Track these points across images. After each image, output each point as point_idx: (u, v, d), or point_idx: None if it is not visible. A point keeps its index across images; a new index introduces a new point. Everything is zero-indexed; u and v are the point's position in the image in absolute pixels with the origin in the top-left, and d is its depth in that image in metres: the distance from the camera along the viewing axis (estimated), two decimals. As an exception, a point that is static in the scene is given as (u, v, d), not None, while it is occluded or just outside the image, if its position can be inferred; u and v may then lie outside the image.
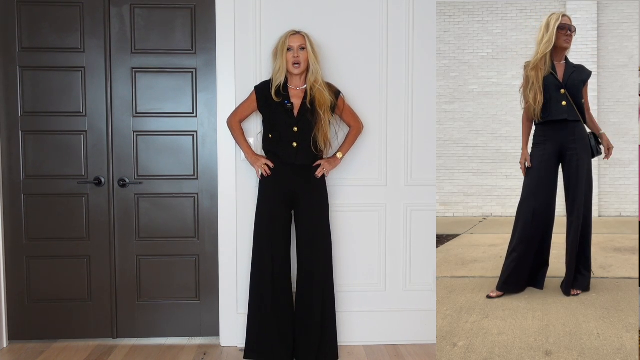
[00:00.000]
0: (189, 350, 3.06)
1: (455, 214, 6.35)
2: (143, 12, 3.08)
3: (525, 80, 2.88)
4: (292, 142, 2.73)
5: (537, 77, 2.82)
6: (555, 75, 2.82)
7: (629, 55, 5.97)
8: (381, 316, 3.17)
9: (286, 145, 2.74)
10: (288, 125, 2.73)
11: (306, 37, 2.75)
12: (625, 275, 3.23)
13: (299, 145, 2.74)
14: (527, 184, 2.91)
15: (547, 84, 2.83)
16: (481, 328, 2.50)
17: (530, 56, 2.90)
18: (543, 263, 2.94)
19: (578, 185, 2.82)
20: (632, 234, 4.71)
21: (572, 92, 2.82)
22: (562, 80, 2.82)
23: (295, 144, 2.73)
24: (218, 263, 3.14)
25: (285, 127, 2.74)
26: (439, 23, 6.12)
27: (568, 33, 2.81)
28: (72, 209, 3.13)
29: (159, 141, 3.14)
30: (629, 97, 5.99)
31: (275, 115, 2.75)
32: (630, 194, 6.01)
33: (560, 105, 2.81)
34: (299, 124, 2.73)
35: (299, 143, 2.73)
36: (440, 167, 6.27)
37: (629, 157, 5.99)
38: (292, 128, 2.73)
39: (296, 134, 2.73)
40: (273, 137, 2.77)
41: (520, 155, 2.97)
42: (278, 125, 2.75)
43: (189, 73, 3.12)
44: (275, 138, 2.76)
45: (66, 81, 3.08)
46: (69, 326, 3.17)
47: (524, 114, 2.96)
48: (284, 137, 2.74)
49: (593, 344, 2.31)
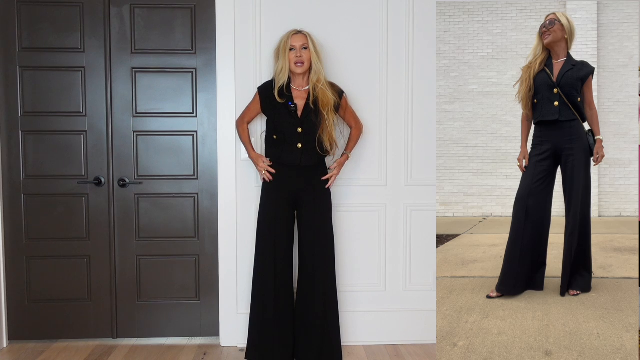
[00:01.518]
0: (189, 350, 3.06)
1: (455, 214, 6.35)
2: (143, 12, 3.08)
3: (520, 78, 2.89)
4: (297, 143, 2.73)
5: (527, 74, 2.83)
6: (550, 75, 2.81)
7: (629, 55, 5.97)
8: (381, 316, 3.17)
9: (291, 147, 2.73)
10: (292, 126, 2.72)
11: (308, 36, 2.75)
12: (625, 275, 3.23)
13: (303, 147, 2.73)
14: (521, 183, 2.91)
15: (539, 83, 2.82)
16: (481, 328, 2.50)
17: (529, 56, 2.90)
18: (540, 264, 2.94)
19: (574, 185, 2.80)
20: (632, 234, 4.71)
21: (566, 90, 2.78)
22: (556, 79, 2.80)
23: (299, 145, 2.73)
24: (218, 263, 3.14)
25: (290, 128, 2.73)
26: (439, 23, 6.12)
27: (544, 29, 2.79)
28: (72, 209, 3.13)
29: (159, 141, 3.14)
30: (629, 97, 5.99)
31: (279, 116, 2.74)
32: (630, 194, 6.01)
33: (553, 106, 2.80)
34: (303, 125, 2.72)
35: (303, 144, 2.73)
36: (440, 167, 6.26)
37: (629, 157, 5.99)
38: (296, 129, 2.72)
39: (300, 135, 2.72)
40: (277, 138, 2.76)
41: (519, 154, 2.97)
42: (282, 127, 2.74)
43: (189, 73, 3.12)
44: (279, 139, 2.75)
45: (66, 81, 3.08)
46: (69, 326, 3.17)
47: (523, 113, 2.96)
48: (288, 138, 2.73)
49: (593, 344, 2.31)
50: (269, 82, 2.83)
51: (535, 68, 2.82)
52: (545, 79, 2.81)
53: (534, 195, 2.85)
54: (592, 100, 2.87)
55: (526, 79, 2.84)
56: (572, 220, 2.81)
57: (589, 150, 2.81)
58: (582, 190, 2.79)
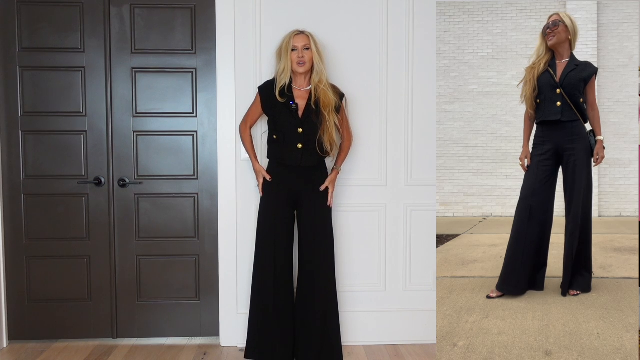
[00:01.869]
0: (189, 350, 3.06)
1: (455, 214, 6.35)
2: (143, 12, 3.08)
3: (524, 77, 2.89)
4: (297, 143, 2.72)
5: (531, 75, 2.83)
6: (553, 75, 2.81)
7: (629, 55, 5.97)
8: (381, 316, 3.17)
9: (291, 147, 2.73)
10: (293, 126, 2.72)
11: (310, 36, 2.74)
12: (625, 275, 3.23)
13: (304, 147, 2.72)
14: (524, 183, 2.91)
15: (543, 83, 2.82)
16: (481, 328, 2.50)
17: (532, 56, 2.90)
18: (542, 264, 2.94)
19: (575, 185, 2.80)
20: (632, 234, 4.70)
21: (568, 91, 2.78)
22: (559, 79, 2.80)
23: (300, 145, 2.72)
24: (218, 263, 3.14)
25: (290, 128, 2.72)
26: (439, 23, 6.12)
27: (548, 30, 2.79)
28: (72, 209, 3.13)
29: (159, 141, 3.14)
30: (629, 97, 5.99)
31: (280, 116, 2.74)
32: (630, 194, 6.00)
33: (555, 106, 2.80)
34: (303, 125, 2.72)
35: (304, 144, 2.72)
36: (440, 167, 6.26)
37: (629, 157, 5.99)
38: (297, 129, 2.72)
39: (301, 135, 2.72)
40: (278, 138, 2.76)
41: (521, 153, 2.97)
42: (283, 127, 2.73)
43: (189, 73, 3.12)
44: (280, 139, 2.75)
45: (66, 81, 3.08)
46: (69, 326, 3.17)
47: (525, 112, 2.96)
48: (288, 138, 2.73)
49: (593, 344, 2.31)
50: (269, 81, 2.83)
51: (540, 68, 2.82)
52: (548, 79, 2.81)
53: (538, 195, 2.85)
54: (595, 100, 2.87)
55: (530, 80, 2.84)
56: (573, 221, 2.81)
57: (591, 150, 2.81)
58: (583, 191, 2.79)
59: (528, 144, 2.96)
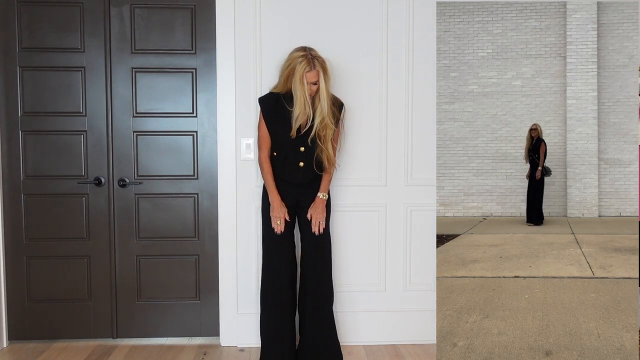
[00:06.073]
0: (189, 350, 3.06)
1: (455, 214, 6.35)
2: (143, 12, 3.07)
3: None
4: (299, 161, 2.72)
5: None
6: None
7: (629, 55, 5.97)
8: (381, 316, 3.17)
9: (293, 166, 2.72)
10: (294, 145, 2.70)
11: (320, 72, 2.59)
12: (625, 275, 3.23)
13: (305, 165, 2.72)
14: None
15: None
16: (481, 328, 2.50)
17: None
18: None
19: None
20: (632, 234, 4.70)
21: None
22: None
23: (302, 163, 2.72)
24: (218, 263, 3.14)
25: (292, 146, 2.71)
26: (439, 23, 6.12)
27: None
28: (72, 209, 3.13)
29: (159, 141, 3.14)
30: (629, 97, 5.99)
31: (282, 133, 2.70)
32: (630, 194, 6.00)
33: None
34: (305, 145, 2.71)
35: (305, 162, 2.72)
36: (440, 167, 6.26)
37: (629, 157, 5.99)
38: (298, 148, 2.71)
39: (303, 154, 2.71)
40: (278, 155, 2.74)
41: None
42: (284, 145, 2.72)
43: (189, 73, 3.12)
44: (281, 157, 2.74)
45: (66, 81, 3.08)
46: (69, 326, 3.17)
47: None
48: (290, 156, 2.72)
49: (593, 344, 2.31)
50: (268, 95, 2.75)
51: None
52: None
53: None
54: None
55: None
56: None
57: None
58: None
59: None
